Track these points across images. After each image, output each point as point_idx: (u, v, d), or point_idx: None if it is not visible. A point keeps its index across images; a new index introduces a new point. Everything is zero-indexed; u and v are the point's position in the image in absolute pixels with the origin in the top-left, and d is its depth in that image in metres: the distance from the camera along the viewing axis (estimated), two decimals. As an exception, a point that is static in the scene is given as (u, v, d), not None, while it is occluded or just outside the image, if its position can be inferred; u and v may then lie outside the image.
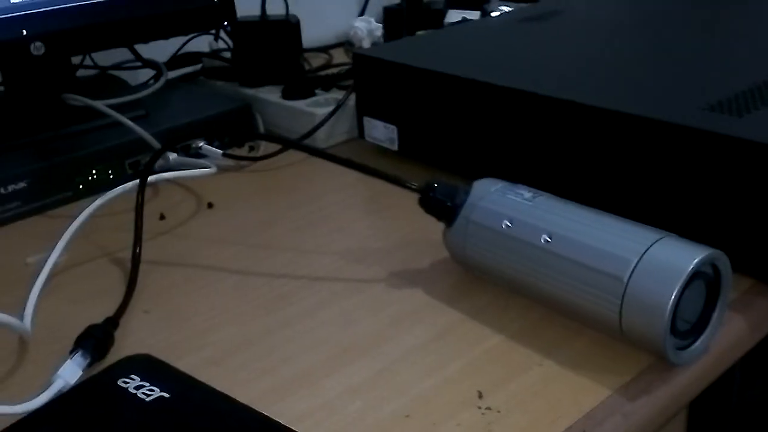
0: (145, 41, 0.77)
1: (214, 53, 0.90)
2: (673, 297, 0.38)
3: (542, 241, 0.43)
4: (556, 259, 0.42)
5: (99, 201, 0.56)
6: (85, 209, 0.55)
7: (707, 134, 0.46)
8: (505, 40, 0.71)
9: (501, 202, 0.46)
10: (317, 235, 0.58)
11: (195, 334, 0.46)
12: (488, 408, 0.38)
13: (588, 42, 0.69)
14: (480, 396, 0.39)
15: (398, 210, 0.60)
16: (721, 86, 0.54)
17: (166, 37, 0.77)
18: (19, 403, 0.38)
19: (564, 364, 0.41)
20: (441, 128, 0.64)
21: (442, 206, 0.48)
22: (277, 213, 0.62)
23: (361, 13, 1.17)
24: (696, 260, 0.38)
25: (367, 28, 1.07)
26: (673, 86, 0.55)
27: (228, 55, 0.89)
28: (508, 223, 0.45)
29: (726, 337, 0.43)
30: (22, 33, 0.67)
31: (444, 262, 0.51)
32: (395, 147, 0.70)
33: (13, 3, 0.66)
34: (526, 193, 0.46)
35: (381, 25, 1.08)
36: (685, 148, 0.48)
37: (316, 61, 0.99)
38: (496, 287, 0.48)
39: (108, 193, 0.56)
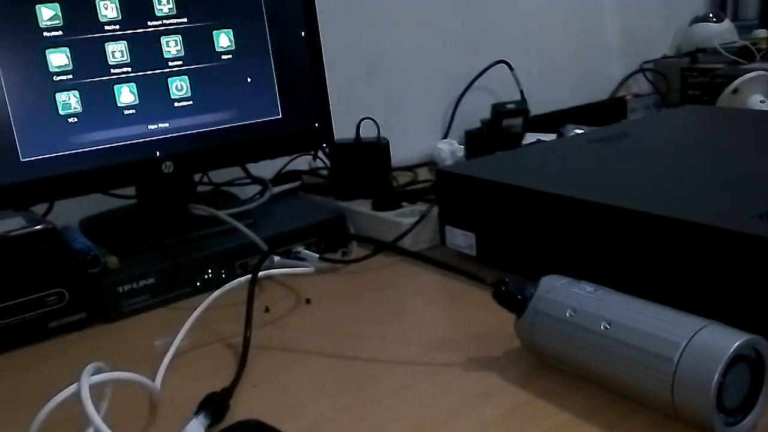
0: (256, 161, 0.89)
1: (313, 171, 1.01)
2: (717, 375, 0.43)
3: (602, 327, 0.49)
4: (615, 344, 0.48)
5: (217, 293, 0.65)
6: (203, 301, 0.65)
7: (755, 238, 0.52)
8: (575, 158, 0.79)
9: (565, 295, 0.53)
10: (402, 327, 0.65)
11: (295, 404, 0.54)
12: (550, 469, 0.43)
13: (650, 160, 0.76)
14: (543, 460, 0.44)
15: (475, 307, 0.67)
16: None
17: (273, 157, 0.89)
18: (155, 452, 0.46)
19: (622, 438, 0.46)
20: (515, 235, 0.72)
21: (514, 299, 0.55)
22: (367, 308, 0.70)
23: (445, 136, 1.29)
24: (737, 343, 0.43)
25: (450, 149, 1.18)
26: (728, 197, 0.61)
27: (324, 172, 1.00)
28: (572, 312, 0.51)
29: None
30: (156, 154, 0.80)
31: (516, 351, 0.57)
32: (474, 252, 0.77)
33: (150, 129, 0.80)
34: (588, 287, 0.53)
35: (463, 146, 1.19)
36: (737, 249, 0.53)
37: (403, 178, 1.09)
38: (564, 372, 0.54)
39: (224, 286, 0.66)
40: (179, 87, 0.80)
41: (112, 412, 0.51)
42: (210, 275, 0.76)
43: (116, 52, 0.76)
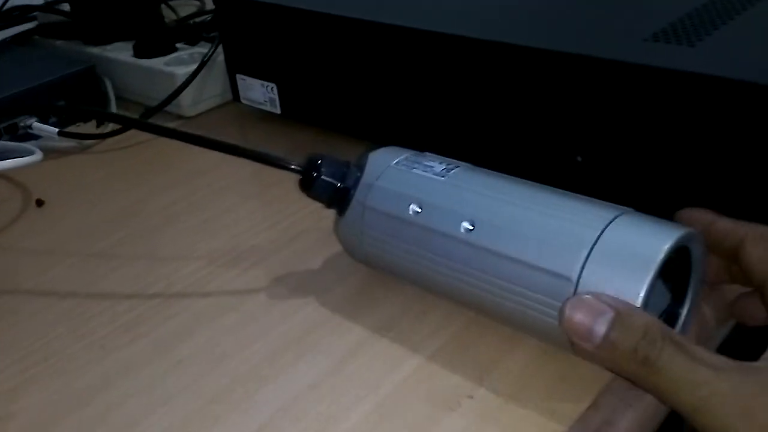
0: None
1: (49, 5, 0.73)
2: (642, 296, 0.27)
3: (462, 230, 0.32)
4: (483, 254, 0.31)
5: None
6: None
7: (655, 71, 0.36)
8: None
9: (405, 180, 0.35)
10: (180, 233, 0.45)
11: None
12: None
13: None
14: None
15: (284, 189, 0.48)
16: (663, 12, 0.44)
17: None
18: None
19: (500, 393, 0.31)
20: (328, 82, 0.52)
21: (331, 188, 0.37)
22: (129, 207, 0.48)
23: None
24: (667, 246, 0.28)
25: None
26: (610, 19, 0.44)
27: (67, 7, 0.73)
28: (417, 208, 0.34)
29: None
30: None
31: (341, 257, 0.40)
32: (277, 110, 0.57)
33: None
34: (437, 164, 0.35)
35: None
36: (630, 89, 0.37)
37: (186, 9, 0.83)
38: (408, 287, 0.37)
39: None
40: None
41: None
42: None
43: None
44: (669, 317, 0.31)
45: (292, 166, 0.37)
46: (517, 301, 0.31)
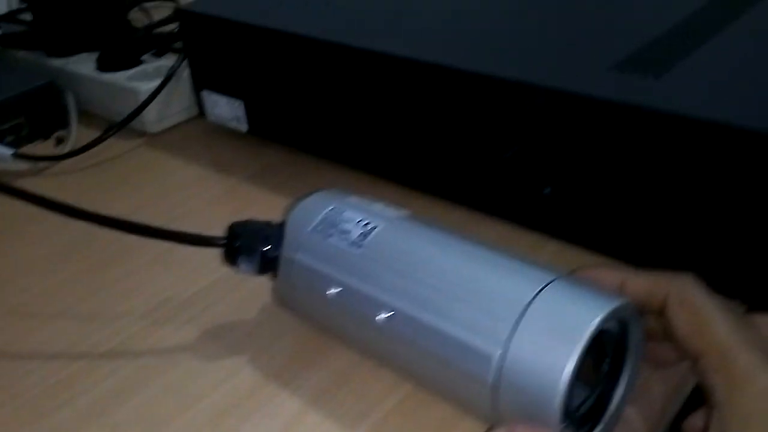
0: None
1: (10, 15, 0.70)
2: (561, 395, 0.24)
3: (380, 319, 0.29)
4: (405, 346, 0.29)
5: None
6: None
7: (615, 106, 0.33)
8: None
9: (322, 253, 0.32)
10: (131, 270, 0.42)
11: None
12: None
13: (460, 2, 0.53)
14: None
15: (255, 213, 0.45)
16: (626, 37, 0.40)
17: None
18: None
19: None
20: (295, 101, 0.49)
21: (255, 261, 0.34)
22: (81, 238, 0.45)
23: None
24: (595, 321, 0.25)
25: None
26: (576, 44, 0.41)
27: (30, 16, 0.70)
28: (336, 289, 0.31)
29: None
30: None
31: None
32: (244, 127, 0.54)
33: None
34: (355, 227, 0.32)
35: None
36: (592, 121, 0.34)
37: (160, 12, 0.80)
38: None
39: None
40: None
41: None
42: None
43: None
44: (602, 398, 0.28)
45: (218, 242, 0.34)
46: (440, 388, 0.29)
